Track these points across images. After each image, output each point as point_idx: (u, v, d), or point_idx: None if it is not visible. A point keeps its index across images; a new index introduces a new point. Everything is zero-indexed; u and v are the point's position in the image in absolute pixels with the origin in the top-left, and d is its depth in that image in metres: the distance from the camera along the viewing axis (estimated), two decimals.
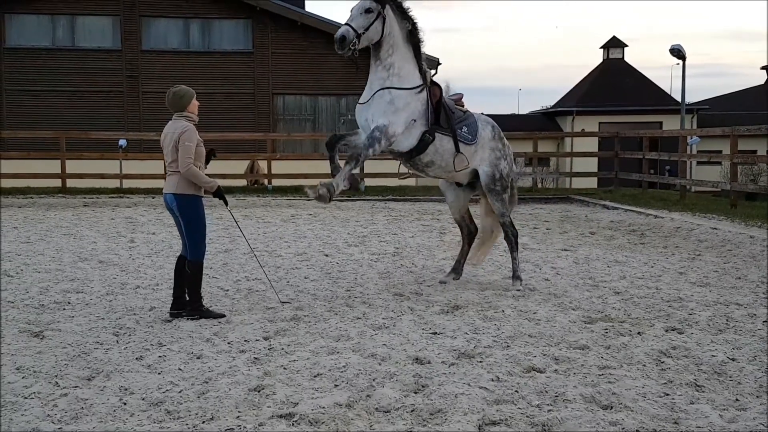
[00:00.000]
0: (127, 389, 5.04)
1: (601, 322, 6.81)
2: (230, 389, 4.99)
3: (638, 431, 4.35)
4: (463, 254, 8.96)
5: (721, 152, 34.29)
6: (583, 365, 5.52)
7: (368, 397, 4.87)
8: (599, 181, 25.70)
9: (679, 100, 32.52)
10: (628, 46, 45.33)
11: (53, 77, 27.42)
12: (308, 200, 18.54)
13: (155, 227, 13.52)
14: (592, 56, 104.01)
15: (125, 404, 4.77)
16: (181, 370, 5.44)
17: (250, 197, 19.18)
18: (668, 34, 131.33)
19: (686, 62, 26.52)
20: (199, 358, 5.72)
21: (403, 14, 7.87)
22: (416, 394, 4.95)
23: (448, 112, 8.06)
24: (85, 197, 18.79)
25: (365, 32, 7.55)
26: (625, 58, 45.05)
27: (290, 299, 7.66)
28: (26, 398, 4.87)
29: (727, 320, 6.88)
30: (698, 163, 34.20)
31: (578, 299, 7.74)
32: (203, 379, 5.23)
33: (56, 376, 5.31)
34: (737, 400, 4.88)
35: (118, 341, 6.21)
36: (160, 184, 7.09)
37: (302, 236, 12.57)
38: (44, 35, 27.79)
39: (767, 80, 52.23)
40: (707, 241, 11.76)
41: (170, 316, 6.96)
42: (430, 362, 5.58)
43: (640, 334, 6.39)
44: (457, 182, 8.70)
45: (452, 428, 4.39)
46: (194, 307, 6.95)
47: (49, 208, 16.94)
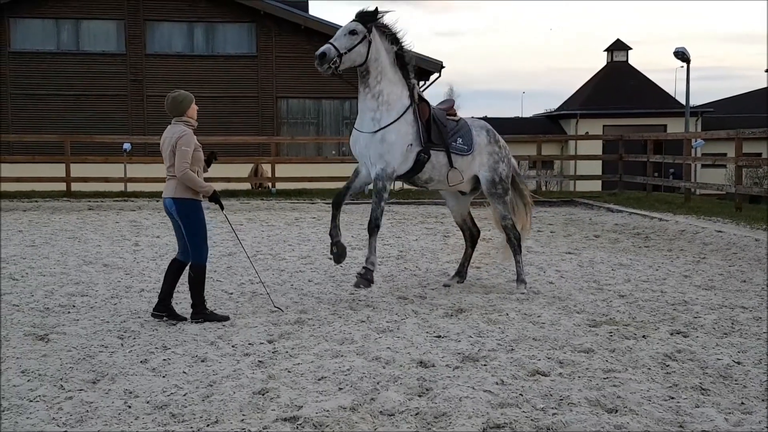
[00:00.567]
0: (131, 392, 5.05)
1: (605, 325, 6.80)
2: (234, 392, 4.99)
3: None
4: (466, 257, 8.96)
5: (725, 155, 34.23)
6: (587, 368, 5.51)
7: (372, 400, 4.87)
8: (603, 184, 25.64)
9: (683, 102, 32.49)
10: (632, 48, 45.32)
11: (58, 81, 27.48)
12: (312, 203, 18.58)
13: (159, 230, 13.54)
14: (596, 59, 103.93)
15: (130, 407, 4.77)
16: (185, 373, 5.44)
17: (253, 200, 19.19)
18: (672, 36, 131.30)
19: (690, 65, 26.53)
20: (203, 361, 5.73)
21: (390, 37, 7.85)
22: (420, 397, 4.94)
23: (440, 126, 8.04)
24: (89, 201, 18.82)
25: (347, 53, 7.56)
26: (629, 60, 45.02)
27: (285, 306, 7.60)
28: (31, 401, 4.88)
29: (732, 323, 6.86)
30: (703, 166, 34.14)
31: (583, 302, 7.73)
32: (208, 382, 5.24)
33: (61, 379, 5.32)
34: (743, 403, 4.86)
35: (122, 344, 6.22)
36: (163, 187, 7.12)
37: (306, 239, 12.57)
38: (49, 39, 27.86)
39: None
40: (712, 244, 11.73)
41: (152, 316, 6.99)
42: (434, 365, 5.58)
43: (645, 337, 6.38)
44: (460, 191, 8.71)
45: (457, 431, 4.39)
46: (198, 310, 6.96)
47: (53, 211, 16.97)
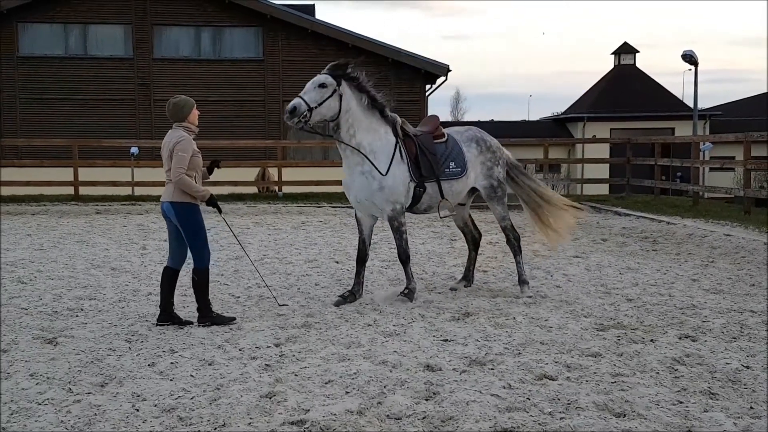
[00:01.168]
0: (139, 396, 5.06)
1: (613, 329, 6.78)
2: (242, 396, 5.00)
3: None
4: (471, 261, 8.94)
5: (734, 158, 34.10)
6: (595, 373, 5.49)
7: (379, 404, 4.87)
8: (611, 187, 25.55)
9: (691, 106, 32.42)
10: (639, 51, 45.19)
11: (66, 85, 27.59)
12: (319, 207, 18.59)
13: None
14: (603, 62, 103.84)
15: (138, 411, 4.78)
16: (193, 376, 5.45)
17: (260, 204, 19.21)
18: (680, 39, 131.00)
19: (699, 68, 26.48)
20: (210, 364, 5.74)
21: (359, 88, 7.77)
22: (427, 401, 4.94)
23: (429, 157, 7.98)
24: (97, 205, 18.87)
25: (318, 107, 7.48)
26: (636, 63, 44.92)
27: (292, 310, 7.62)
28: (40, 404, 4.89)
29: (741, 328, 6.83)
30: (711, 169, 34.04)
31: (590, 306, 7.71)
32: (215, 385, 5.25)
33: (69, 382, 5.34)
34: (752, 408, 4.84)
35: (130, 348, 6.24)
36: (162, 191, 7.14)
37: (313, 243, 12.58)
38: (57, 44, 27.98)
39: None
40: (720, 247, 11.69)
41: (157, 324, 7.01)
42: (441, 369, 5.57)
43: (653, 341, 6.36)
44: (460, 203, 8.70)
45: None
46: (204, 314, 6.97)
47: (62, 215, 17.02)
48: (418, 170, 7.92)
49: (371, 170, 7.75)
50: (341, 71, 7.64)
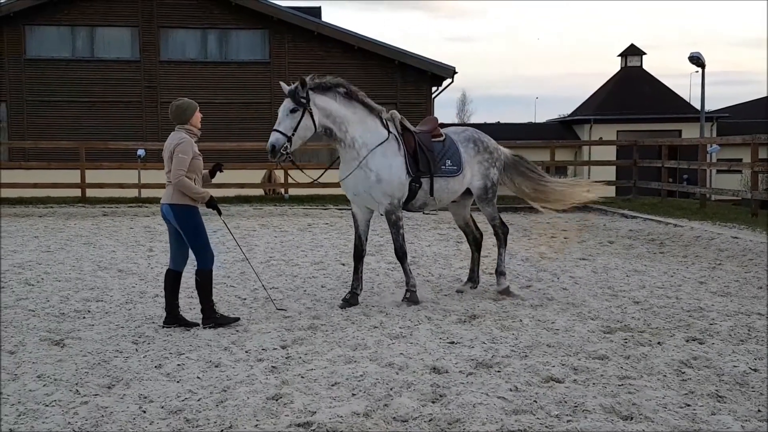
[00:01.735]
0: (146, 397, 5.07)
1: (620, 332, 6.76)
2: (248, 398, 5.01)
3: None
4: (475, 262, 8.93)
5: (741, 161, 33.97)
6: (602, 375, 5.48)
7: (386, 406, 4.87)
8: (617, 189, 25.51)
9: (698, 108, 32.34)
10: (646, 53, 45.12)
11: (73, 88, 27.66)
12: (325, 209, 18.60)
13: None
14: (609, 64, 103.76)
15: (144, 412, 4.79)
16: (199, 378, 5.46)
17: (267, 206, 19.24)
18: (687, 41, 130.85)
19: (706, 70, 26.40)
20: (217, 366, 5.74)
21: (328, 89, 7.73)
22: (434, 403, 4.93)
23: (426, 154, 8.00)
24: (104, 207, 18.93)
25: (294, 133, 7.48)
26: (643, 66, 44.85)
27: (298, 312, 7.64)
28: (47, 406, 4.91)
29: (748, 330, 6.81)
30: (718, 171, 33.95)
31: (597, 309, 7.70)
32: (221, 387, 5.25)
33: (77, 384, 5.35)
34: (759, 411, 4.82)
35: (137, 349, 6.25)
36: (162, 193, 7.17)
37: (319, 245, 12.58)
38: (64, 46, 28.05)
39: None
40: (728, 250, 11.65)
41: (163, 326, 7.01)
42: (447, 372, 5.57)
43: (660, 344, 6.34)
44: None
45: None
46: (208, 315, 6.97)
47: (69, 217, 17.08)
48: (415, 165, 7.94)
49: (367, 164, 7.77)
50: (302, 93, 7.55)
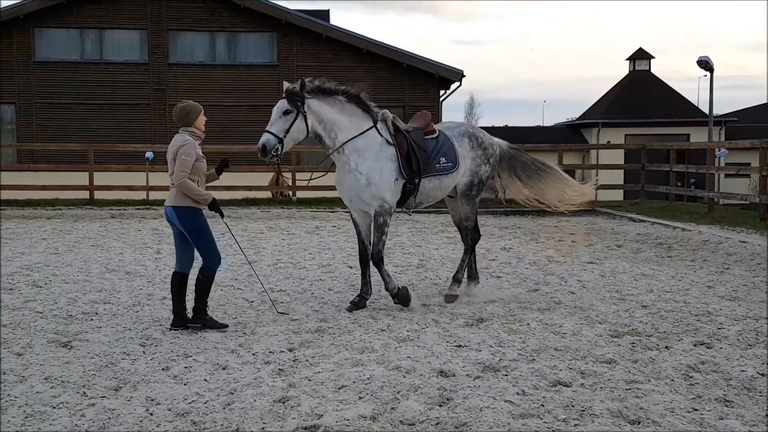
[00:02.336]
0: (153, 400, 5.08)
1: (628, 336, 6.74)
2: (255, 400, 5.01)
3: None
4: (471, 260, 8.85)
5: (749, 165, 33.81)
6: (610, 379, 5.47)
7: (393, 409, 4.86)
8: (625, 193, 25.45)
9: (706, 112, 32.24)
10: (654, 57, 45.04)
11: (82, 90, 27.77)
12: (332, 212, 18.62)
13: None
14: (618, 68, 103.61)
15: (152, 415, 4.80)
16: (206, 381, 5.47)
17: (274, 209, 19.26)
18: (696, 45, 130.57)
19: (714, 74, 26.32)
20: (224, 369, 5.75)
21: (327, 93, 7.69)
22: (441, 407, 4.93)
23: (420, 153, 7.94)
24: (112, 209, 18.98)
25: (286, 135, 7.45)
26: (651, 69, 44.76)
27: (287, 310, 7.70)
28: (54, 408, 4.92)
29: (756, 335, 6.78)
30: (726, 175, 33.83)
31: (605, 313, 7.68)
32: (228, 390, 5.26)
33: (84, 386, 5.36)
34: (767, 415, 4.80)
35: (144, 352, 6.26)
36: (166, 196, 7.18)
37: (326, 248, 12.59)
38: (73, 49, 28.17)
39: None
40: (736, 254, 11.61)
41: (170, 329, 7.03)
42: (454, 375, 5.56)
43: (668, 348, 6.32)
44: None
45: None
46: (198, 315, 6.95)
47: (77, 219, 17.13)
48: (408, 166, 7.90)
49: (357, 167, 7.75)
50: (299, 95, 7.51)
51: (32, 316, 7.53)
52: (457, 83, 28.87)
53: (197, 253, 7.03)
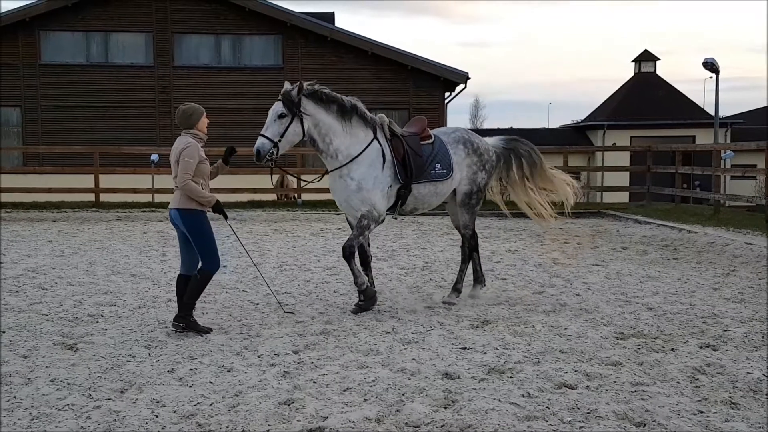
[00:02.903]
0: (158, 402, 5.08)
1: (633, 338, 6.73)
2: (260, 402, 5.01)
3: None
4: (475, 262, 8.79)
5: (755, 167, 33.69)
6: (615, 382, 5.46)
7: (398, 411, 4.86)
8: (631, 195, 25.39)
9: (712, 113, 32.19)
10: (660, 59, 44.98)
11: (87, 93, 27.87)
12: (338, 214, 18.62)
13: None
14: (623, 70, 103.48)
15: (157, 417, 4.80)
16: (211, 383, 5.47)
17: (279, 211, 19.27)
18: (701, 47, 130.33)
19: (720, 75, 26.28)
20: (229, 371, 5.76)
21: (324, 99, 7.65)
22: (446, 409, 4.93)
23: (415, 159, 7.89)
24: (117, 211, 19.01)
25: (281, 139, 7.43)
26: (657, 71, 44.70)
27: (311, 317, 7.67)
28: (60, 410, 4.93)
29: (762, 337, 6.76)
30: (732, 177, 33.74)
31: (610, 315, 7.66)
32: (234, 392, 5.26)
33: (89, 388, 5.37)
34: None
35: (150, 354, 6.27)
36: (171, 198, 7.19)
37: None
38: (78, 52, 28.28)
39: None
40: (742, 256, 11.57)
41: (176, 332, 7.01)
42: (459, 377, 5.55)
43: (673, 350, 6.31)
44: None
45: None
46: (183, 314, 6.90)
47: (82, 221, 17.17)
48: (404, 171, 7.85)
49: (349, 173, 7.71)
50: (295, 98, 7.48)
51: (38, 318, 7.55)
52: (461, 85, 28.88)
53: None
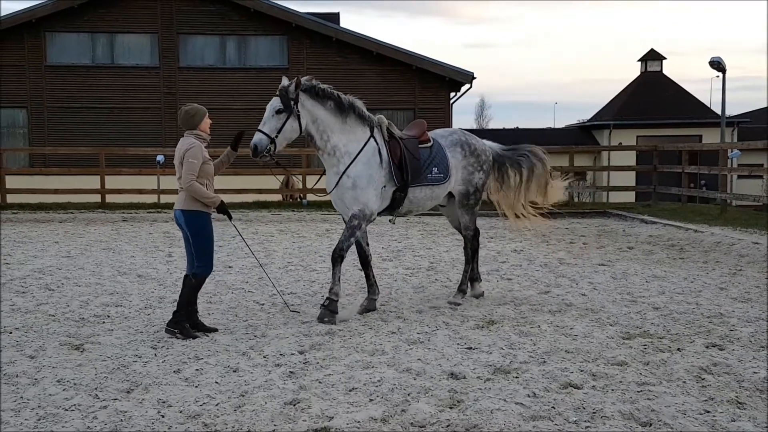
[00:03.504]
0: (165, 402, 5.09)
1: (639, 338, 6.72)
2: (266, 402, 5.02)
3: None
4: (475, 261, 8.80)
5: (762, 166, 33.67)
6: (621, 381, 5.45)
7: (403, 411, 4.86)
8: (637, 195, 25.35)
9: (719, 113, 32.10)
10: (666, 58, 44.90)
11: (93, 94, 27.94)
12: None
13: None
14: (629, 69, 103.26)
15: (163, 417, 4.81)
16: (217, 383, 5.48)
17: (285, 212, 19.29)
18: (708, 46, 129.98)
19: (726, 75, 26.20)
20: (235, 371, 5.76)
21: (321, 95, 7.62)
22: (451, 409, 4.92)
23: (412, 162, 7.85)
24: (123, 212, 19.06)
25: (279, 134, 7.39)
26: (663, 70, 44.61)
27: (300, 310, 7.75)
28: (67, 410, 4.94)
29: None
30: (739, 176, 33.67)
31: (616, 315, 7.65)
32: (239, 392, 5.27)
33: (96, 388, 5.38)
34: None
35: (156, 354, 6.28)
36: (175, 199, 7.20)
37: None
38: (84, 53, 28.35)
39: None
40: (748, 256, 11.55)
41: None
42: (465, 377, 5.55)
43: (679, 350, 6.30)
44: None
45: None
46: (177, 319, 6.88)
47: (88, 222, 17.21)
48: (400, 174, 7.82)
49: (346, 170, 7.66)
50: (293, 94, 7.46)
51: (45, 319, 7.57)
52: (467, 85, 28.86)
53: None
